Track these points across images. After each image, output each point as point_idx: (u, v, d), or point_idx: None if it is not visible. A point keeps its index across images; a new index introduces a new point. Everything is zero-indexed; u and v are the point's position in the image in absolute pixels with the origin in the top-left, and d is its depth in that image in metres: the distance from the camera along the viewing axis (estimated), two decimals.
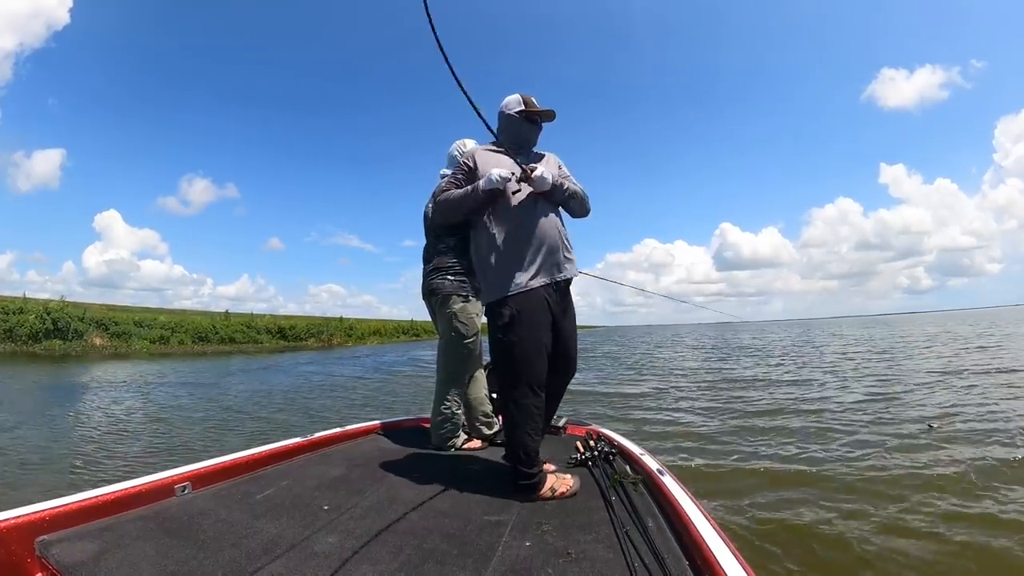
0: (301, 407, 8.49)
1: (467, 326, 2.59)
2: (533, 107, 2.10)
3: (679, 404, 7.66)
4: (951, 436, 4.93)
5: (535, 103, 2.11)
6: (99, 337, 23.98)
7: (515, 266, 1.97)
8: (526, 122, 2.11)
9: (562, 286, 2.07)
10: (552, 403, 2.18)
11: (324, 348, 31.32)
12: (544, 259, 2.00)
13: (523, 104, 2.10)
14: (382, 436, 2.97)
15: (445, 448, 2.67)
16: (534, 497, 1.89)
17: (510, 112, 2.11)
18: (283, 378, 13.43)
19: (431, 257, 2.70)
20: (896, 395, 7.42)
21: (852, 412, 6.33)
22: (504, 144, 2.07)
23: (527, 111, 2.09)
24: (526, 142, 2.16)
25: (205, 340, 27.71)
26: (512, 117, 2.11)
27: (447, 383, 2.69)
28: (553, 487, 1.92)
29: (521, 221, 1.99)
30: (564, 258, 2.06)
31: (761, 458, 4.56)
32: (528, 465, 1.91)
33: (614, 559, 1.39)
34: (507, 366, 1.97)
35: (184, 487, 1.86)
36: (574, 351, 2.16)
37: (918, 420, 5.69)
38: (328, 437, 2.71)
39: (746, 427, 5.81)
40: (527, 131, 2.14)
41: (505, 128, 2.13)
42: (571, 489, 1.93)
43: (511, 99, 2.13)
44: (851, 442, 4.92)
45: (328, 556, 1.39)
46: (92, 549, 1.35)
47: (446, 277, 2.60)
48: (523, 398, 1.92)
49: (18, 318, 22.05)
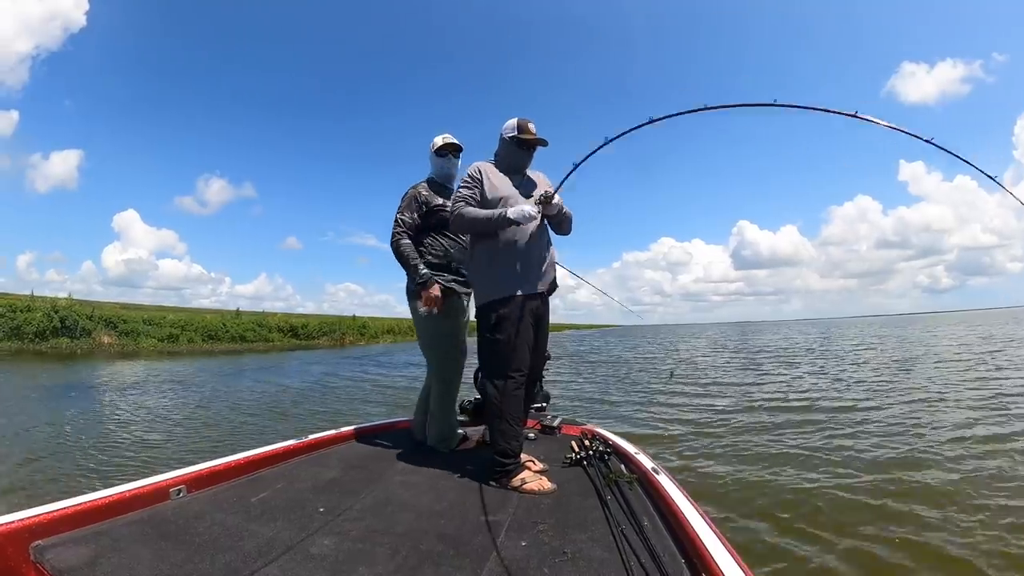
0: (280, 411, 7.96)
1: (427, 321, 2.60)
2: (527, 133, 2.23)
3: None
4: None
5: (531, 129, 2.24)
6: (107, 335, 23.77)
7: (517, 274, 2.18)
8: (518, 148, 2.26)
9: (545, 296, 2.30)
10: (531, 386, 2.37)
11: (336, 347, 31.01)
12: (538, 271, 2.24)
13: (516, 129, 2.23)
14: (377, 437, 2.90)
15: (439, 448, 2.67)
16: (504, 483, 2.02)
17: (505, 136, 2.28)
18: (280, 379, 12.88)
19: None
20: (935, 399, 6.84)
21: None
22: (501, 164, 2.32)
23: (518, 137, 2.24)
24: (518, 167, 2.33)
25: (215, 339, 27.48)
26: (505, 140, 2.28)
27: (433, 381, 2.74)
28: (524, 479, 2.02)
29: (525, 237, 2.20)
30: (552, 271, 2.33)
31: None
32: (504, 455, 2.06)
33: (610, 558, 1.40)
34: (496, 361, 2.13)
35: (179, 490, 1.83)
36: (545, 348, 2.41)
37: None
38: (323, 439, 2.68)
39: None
40: (518, 157, 2.30)
41: (501, 149, 2.32)
42: (541, 489, 1.98)
43: (509, 123, 2.27)
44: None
45: (324, 558, 1.40)
46: (87, 553, 1.34)
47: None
48: (515, 389, 2.11)
49: (25, 316, 21.85)
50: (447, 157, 2.75)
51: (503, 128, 2.26)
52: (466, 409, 3.21)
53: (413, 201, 2.64)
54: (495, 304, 2.16)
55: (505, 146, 2.27)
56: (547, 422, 3.01)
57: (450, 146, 2.73)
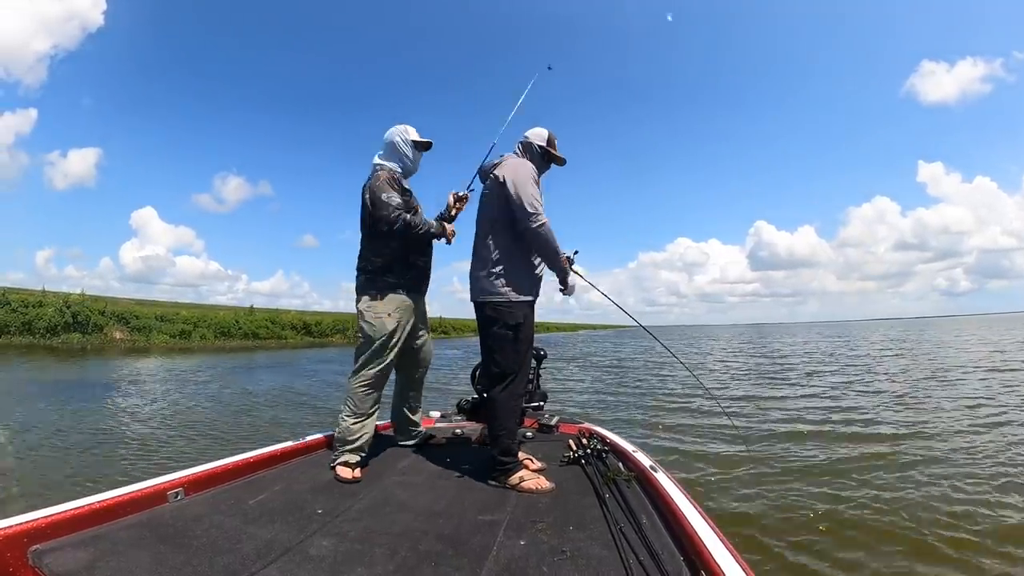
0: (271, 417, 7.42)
1: (371, 326, 2.43)
2: (555, 149, 2.39)
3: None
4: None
5: (556, 144, 2.41)
6: (119, 331, 23.67)
7: (538, 280, 2.29)
8: (543, 160, 2.38)
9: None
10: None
11: (349, 344, 30.35)
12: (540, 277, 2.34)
13: (548, 144, 2.38)
14: (374, 438, 2.83)
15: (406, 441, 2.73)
16: (502, 481, 2.04)
17: (534, 143, 2.39)
18: (279, 378, 12.40)
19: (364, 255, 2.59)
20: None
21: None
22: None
23: (549, 151, 2.38)
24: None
25: (228, 335, 27.35)
26: (537, 151, 2.38)
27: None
28: (522, 477, 2.03)
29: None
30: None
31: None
32: (508, 452, 2.10)
33: (609, 556, 1.40)
34: (517, 363, 2.18)
35: (177, 493, 1.80)
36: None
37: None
38: (320, 440, 2.64)
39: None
40: (543, 168, 2.38)
41: (531, 158, 2.37)
42: (539, 488, 1.98)
43: (540, 131, 2.39)
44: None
45: (323, 559, 1.39)
46: (85, 558, 1.34)
47: (361, 274, 2.54)
48: (525, 388, 2.33)
49: (37, 311, 21.77)
50: (421, 153, 2.61)
51: (532, 134, 2.36)
52: (464, 408, 3.16)
53: (394, 183, 2.43)
54: (523, 306, 2.19)
55: (534, 154, 2.33)
56: (544, 421, 2.98)
57: (428, 143, 2.58)
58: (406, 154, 2.50)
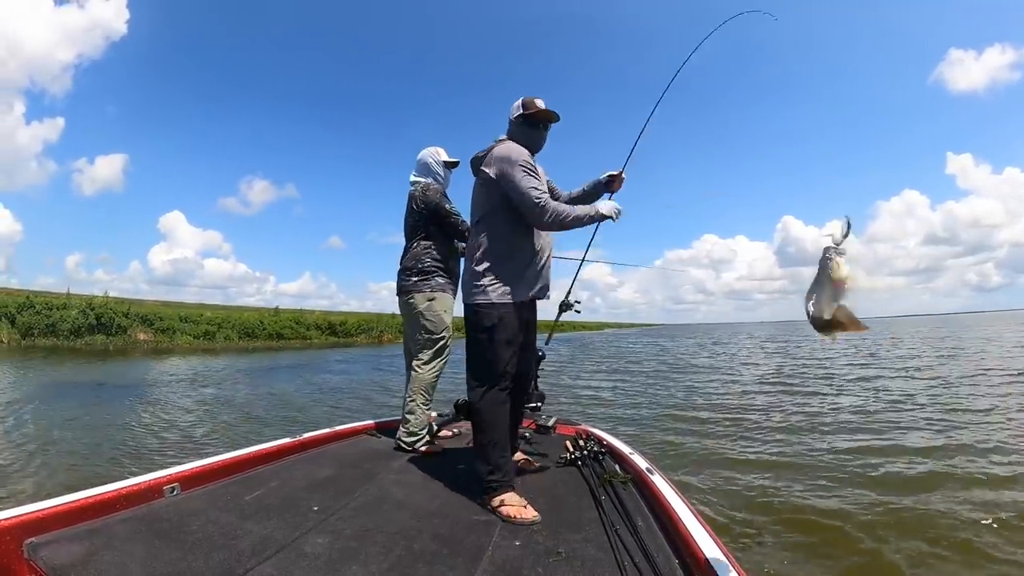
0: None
1: (434, 323, 2.62)
2: (534, 108, 2.07)
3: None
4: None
5: (539, 104, 2.08)
6: (143, 332, 23.52)
7: (542, 276, 2.12)
8: (531, 128, 2.10)
9: (534, 304, 2.18)
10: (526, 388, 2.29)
11: (374, 344, 30.29)
12: (545, 276, 2.14)
13: (523, 107, 2.09)
14: (371, 437, 2.91)
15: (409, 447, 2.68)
16: (483, 498, 1.88)
17: (514, 116, 2.12)
18: (284, 381, 11.89)
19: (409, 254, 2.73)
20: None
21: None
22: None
23: (525, 115, 2.08)
24: (539, 148, 2.15)
25: (252, 336, 27.12)
26: (516, 122, 2.12)
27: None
28: (504, 500, 1.81)
29: (546, 238, 2.13)
30: (550, 278, 2.22)
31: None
32: (491, 469, 1.91)
33: (604, 558, 1.39)
34: (493, 369, 1.99)
35: (173, 488, 1.81)
36: (530, 365, 2.25)
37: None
38: (317, 437, 2.64)
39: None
40: (535, 137, 2.13)
41: (516, 133, 2.11)
42: (518, 517, 1.75)
43: (515, 104, 2.12)
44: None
45: (318, 557, 1.39)
46: (81, 551, 1.33)
47: (414, 275, 2.68)
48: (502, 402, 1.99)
49: (60, 313, 21.71)
50: (451, 171, 2.81)
51: (510, 110, 2.13)
52: (461, 408, 3.04)
53: (446, 196, 2.72)
54: (504, 307, 2.00)
55: (519, 128, 2.10)
56: (542, 421, 2.89)
57: (455, 162, 2.78)
58: (438, 172, 2.74)
